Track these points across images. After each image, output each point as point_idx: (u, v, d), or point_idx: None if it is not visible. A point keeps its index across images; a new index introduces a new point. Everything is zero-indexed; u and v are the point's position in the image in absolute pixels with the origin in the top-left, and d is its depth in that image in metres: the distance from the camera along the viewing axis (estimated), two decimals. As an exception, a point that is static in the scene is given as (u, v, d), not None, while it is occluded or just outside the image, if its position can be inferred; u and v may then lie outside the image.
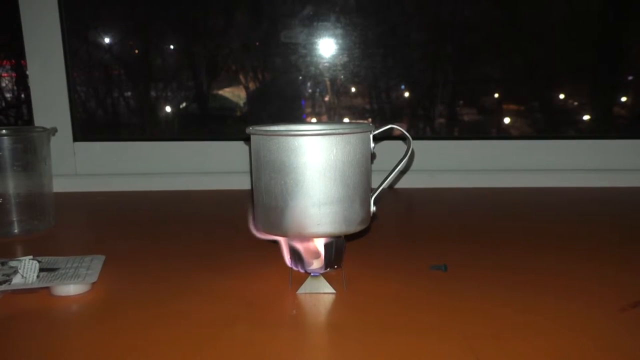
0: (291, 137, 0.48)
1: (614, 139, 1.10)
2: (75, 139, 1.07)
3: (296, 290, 0.51)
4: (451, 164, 1.08)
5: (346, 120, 1.18)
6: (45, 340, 0.44)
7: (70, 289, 0.51)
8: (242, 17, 1.17)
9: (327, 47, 1.10)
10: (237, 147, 1.07)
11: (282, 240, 0.53)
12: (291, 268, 0.54)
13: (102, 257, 0.59)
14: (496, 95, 1.21)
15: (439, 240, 0.70)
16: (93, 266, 0.56)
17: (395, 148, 1.02)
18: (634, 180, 1.05)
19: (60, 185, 0.96)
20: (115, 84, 1.17)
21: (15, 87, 1.28)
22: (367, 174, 0.52)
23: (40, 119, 1.04)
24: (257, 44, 1.15)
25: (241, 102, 1.19)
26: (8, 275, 0.53)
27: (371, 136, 0.52)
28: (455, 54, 1.18)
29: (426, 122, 1.21)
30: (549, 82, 1.21)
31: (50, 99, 1.04)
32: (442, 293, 0.52)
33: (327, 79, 1.13)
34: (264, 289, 0.53)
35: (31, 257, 0.55)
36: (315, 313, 0.48)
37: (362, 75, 1.13)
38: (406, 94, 1.21)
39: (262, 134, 0.50)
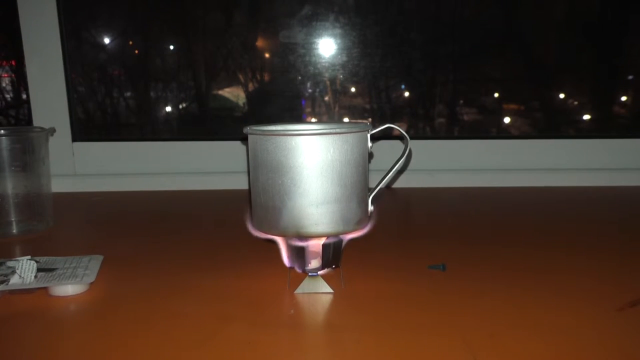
0: (288, 137, 0.48)
1: (614, 139, 1.10)
2: (74, 139, 1.07)
3: (294, 290, 0.51)
4: (450, 164, 1.08)
5: (346, 120, 1.18)
6: (43, 340, 0.43)
7: (68, 289, 0.51)
8: (240, 17, 1.17)
9: (326, 47, 1.10)
10: (236, 147, 1.07)
11: (280, 240, 0.53)
12: (290, 268, 0.54)
13: (100, 257, 0.59)
14: (496, 95, 1.21)
15: (438, 239, 0.70)
16: (91, 266, 0.56)
17: (394, 148, 1.02)
18: (634, 179, 1.04)
19: (58, 185, 0.96)
20: (114, 84, 1.17)
21: (14, 88, 1.28)
22: (364, 174, 0.52)
23: (39, 119, 1.04)
24: (256, 43, 1.15)
25: (240, 102, 1.19)
26: (6, 275, 0.53)
27: (369, 136, 0.52)
28: (455, 53, 1.18)
29: (426, 122, 1.20)
30: (549, 82, 1.21)
31: (49, 99, 1.04)
32: (440, 292, 0.52)
33: (326, 78, 1.13)
34: (262, 288, 0.53)
35: (29, 257, 0.55)
36: (313, 313, 0.48)
37: (361, 75, 1.13)
38: (406, 94, 1.21)
39: (259, 134, 0.50)
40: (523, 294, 0.51)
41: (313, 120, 1.17)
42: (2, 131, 0.72)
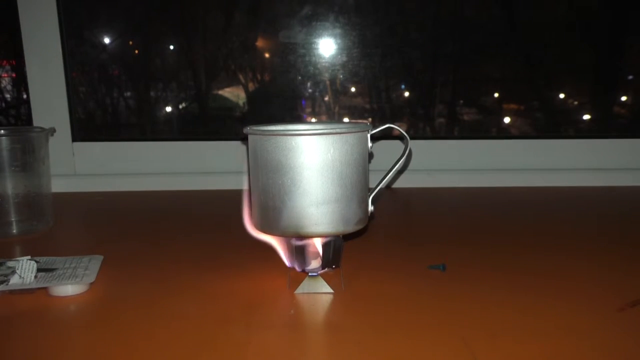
0: (288, 137, 0.48)
1: (614, 139, 1.10)
2: (74, 139, 1.07)
3: (294, 290, 0.51)
4: (450, 164, 1.08)
5: (346, 120, 1.18)
6: (43, 340, 0.43)
7: (68, 289, 0.51)
8: (240, 17, 1.17)
9: (326, 47, 1.10)
10: (236, 147, 1.07)
11: (277, 240, 0.53)
12: (289, 268, 0.54)
13: (100, 257, 0.59)
14: (496, 95, 1.21)
15: (438, 239, 0.70)
16: (91, 266, 0.56)
17: (394, 148, 1.02)
18: (634, 179, 1.04)
19: (58, 185, 0.96)
20: (114, 84, 1.17)
21: (14, 88, 1.28)
22: (364, 174, 0.52)
23: (39, 119, 1.04)
24: (256, 43, 1.15)
25: (240, 102, 1.19)
26: (6, 275, 0.53)
27: (369, 136, 0.52)
28: (455, 53, 1.18)
29: (426, 122, 1.20)
30: (549, 82, 1.21)
31: (49, 99, 1.04)
32: (440, 293, 0.51)
33: (326, 78, 1.12)
34: (262, 289, 0.53)
35: (29, 257, 0.55)
36: (313, 313, 0.48)
37: (361, 75, 1.13)
38: (406, 94, 1.21)
39: (259, 134, 0.50)
40: (523, 294, 0.51)
41: (313, 120, 1.17)
42: (2, 131, 0.72)
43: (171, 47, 1.18)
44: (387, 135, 1.03)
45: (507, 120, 1.20)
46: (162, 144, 1.09)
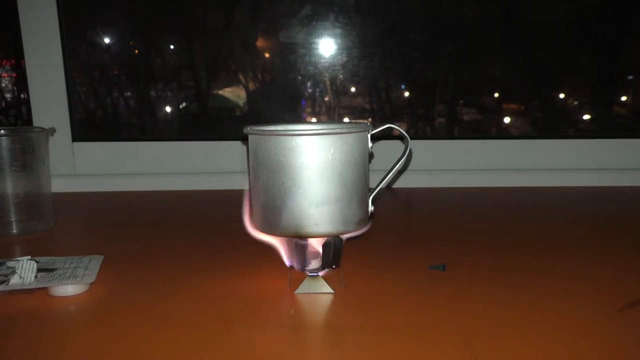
0: (289, 137, 0.48)
1: (614, 139, 1.10)
2: (74, 139, 1.07)
3: (294, 290, 0.51)
4: (450, 164, 1.08)
5: (346, 120, 1.18)
6: (43, 340, 0.43)
7: (68, 289, 0.51)
8: (241, 17, 1.17)
9: (326, 47, 1.10)
10: (236, 147, 1.07)
11: (278, 240, 0.53)
12: (290, 268, 0.54)
13: (100, 258, 0.59)
14: (496, 95, 1.21)
15: (438, 239, 0.70)
16: (91, 266, 0.56)
17: (394, 148, 1.02)
18: (634, 179, 1.04)
19: (59, 185, 0.96)
20: (114, 84, 1.17)
21: (14, 87, 1.28)
22: (365, 174, 0.52)
23: (39, 119, 1.04)
24: (256, 43, 1.15)
25: (240, 102, 1.19)
26: (6, 275, 0.53)
27: (369, 136, 0.52)
28: (455, 53, 1.18)
29: (426, 122, 1.20)
30: (549, 82, 1.21)
31: (49, 99, 1.04)
32: (441, 293, 0.51)
33: (326, 78, 1.12)
34: (262, 288, 0.53)
35: (29, 257, 0.55)
36: (314, 313, 0.48)
37: (361, 75, 1.13)
38: (406, 94, 1.21)
39: (259, 134, 0.50)
40: (524, 294, 0.51)
41: (313, 120, 1.17)
42: (2, 131, 0.72)
43: (171, 47, 1.18)
44: (387, 135, 1.03)
45: (507, 120, 1.20)
46: (162, 144, 1.09)
